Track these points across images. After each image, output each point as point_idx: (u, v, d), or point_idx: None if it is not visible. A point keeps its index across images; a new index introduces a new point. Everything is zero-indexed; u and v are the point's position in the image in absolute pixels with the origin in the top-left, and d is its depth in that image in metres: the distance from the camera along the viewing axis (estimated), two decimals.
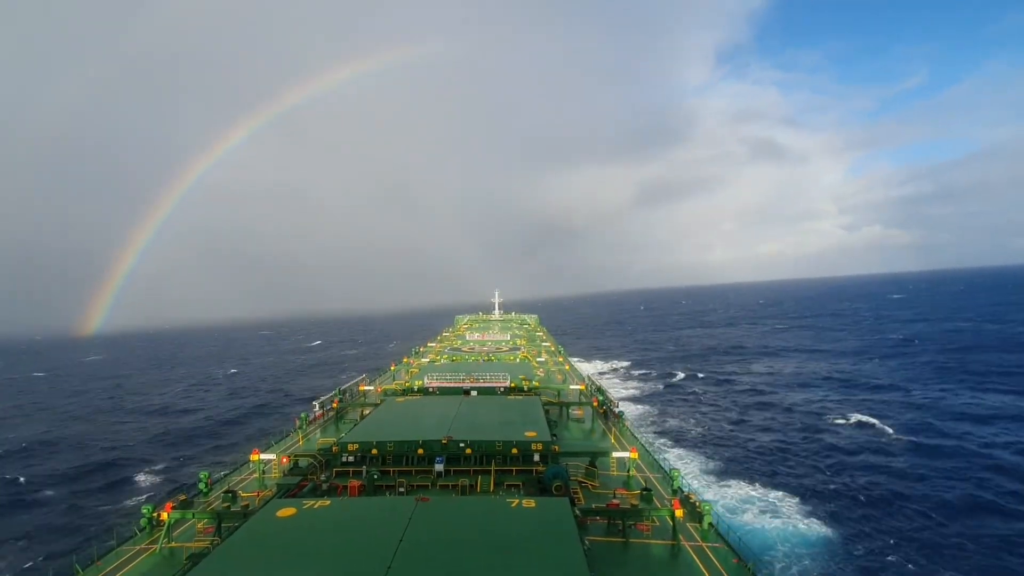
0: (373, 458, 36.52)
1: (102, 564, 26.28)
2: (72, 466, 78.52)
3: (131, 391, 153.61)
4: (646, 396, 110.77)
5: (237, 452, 72.10)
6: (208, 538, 28.00)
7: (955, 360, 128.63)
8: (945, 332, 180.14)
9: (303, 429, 50.94)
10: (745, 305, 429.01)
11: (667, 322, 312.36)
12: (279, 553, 22.48)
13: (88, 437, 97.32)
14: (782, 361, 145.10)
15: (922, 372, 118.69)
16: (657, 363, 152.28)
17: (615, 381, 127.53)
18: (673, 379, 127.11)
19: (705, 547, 27.28)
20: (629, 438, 47.40)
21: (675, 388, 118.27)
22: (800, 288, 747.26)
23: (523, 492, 32.38)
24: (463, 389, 57.86)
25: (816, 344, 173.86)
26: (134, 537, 29.29)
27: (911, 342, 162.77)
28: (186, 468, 75.28)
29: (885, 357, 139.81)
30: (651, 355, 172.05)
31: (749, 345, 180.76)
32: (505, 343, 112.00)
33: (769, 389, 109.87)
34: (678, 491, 34.36)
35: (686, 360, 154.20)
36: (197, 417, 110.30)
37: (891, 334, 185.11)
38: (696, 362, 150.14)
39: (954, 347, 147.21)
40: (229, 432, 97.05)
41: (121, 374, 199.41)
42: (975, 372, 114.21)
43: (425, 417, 44.09)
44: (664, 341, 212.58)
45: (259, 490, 35.70)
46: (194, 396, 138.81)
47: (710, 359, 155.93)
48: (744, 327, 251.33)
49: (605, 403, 56.54)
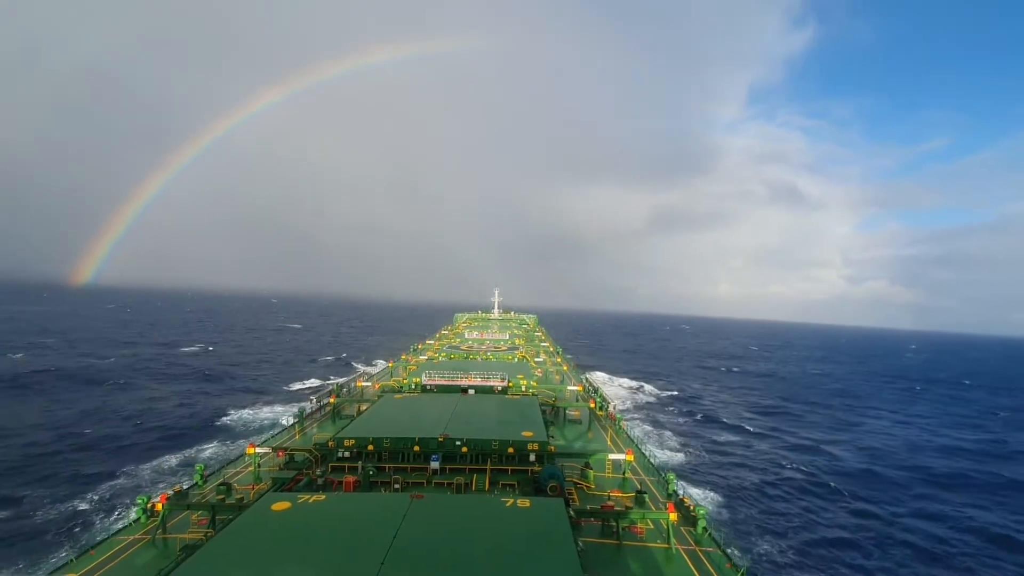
0: (369, 454, 36.52)
1: (96, 554, 26.28)
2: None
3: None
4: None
5: (233, 445, 72.01)
6: (202, 530, 27.98)
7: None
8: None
9: (300, 423, 50.97)
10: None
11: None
12: (273, 546, 22.48)
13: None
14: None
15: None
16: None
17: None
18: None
19: (699, 551, 27.31)
20: (625, 440, 47.45)
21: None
22: (819, 333, 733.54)
23: (518, 492, 32.39)
24: (460, 388, 57.87)
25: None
26: (128, 527, 29.30)
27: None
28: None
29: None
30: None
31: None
32: (504, 342, 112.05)
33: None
34: (673, 495, 34.36)
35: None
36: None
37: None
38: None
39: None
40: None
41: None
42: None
43: (422, 415, 44.10)
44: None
45: (254, 483, 35.71)
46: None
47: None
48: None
49: (602, 405, 56.60)
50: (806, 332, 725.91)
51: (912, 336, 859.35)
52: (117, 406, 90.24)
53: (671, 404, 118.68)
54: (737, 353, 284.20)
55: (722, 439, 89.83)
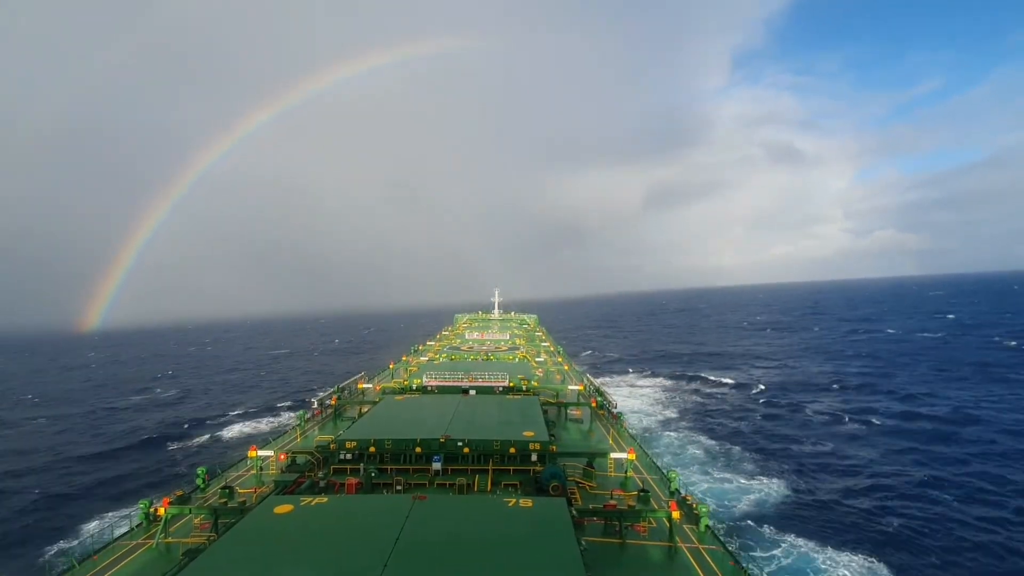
0: (371, 456, 36.53)
1: (98, 559, 26.28)
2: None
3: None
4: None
5: (235, 448, 71.93)
6: (205, 534, 27.99)
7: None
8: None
9: (301, 426, 50.94)
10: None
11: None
12: (276, 549, 22.47)
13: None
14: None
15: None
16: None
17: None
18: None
19: (701, 549, 27.27)
20: (627, 439, 47.40)
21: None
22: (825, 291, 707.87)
23: (520, 492, 32.37)
24: (462, 388, 57.82)
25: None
26: (131, 532, 29.29)
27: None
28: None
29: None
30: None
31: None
32: (504, 342, 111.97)
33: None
34: (675, 493, 34.34)
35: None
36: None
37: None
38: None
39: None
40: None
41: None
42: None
43: (423, 416, 44.09)
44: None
45: (256, 486, 35.70)
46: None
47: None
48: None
49: (604, 404, 56.56)
50: (832, 291, 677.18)
51: (935, 282, 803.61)
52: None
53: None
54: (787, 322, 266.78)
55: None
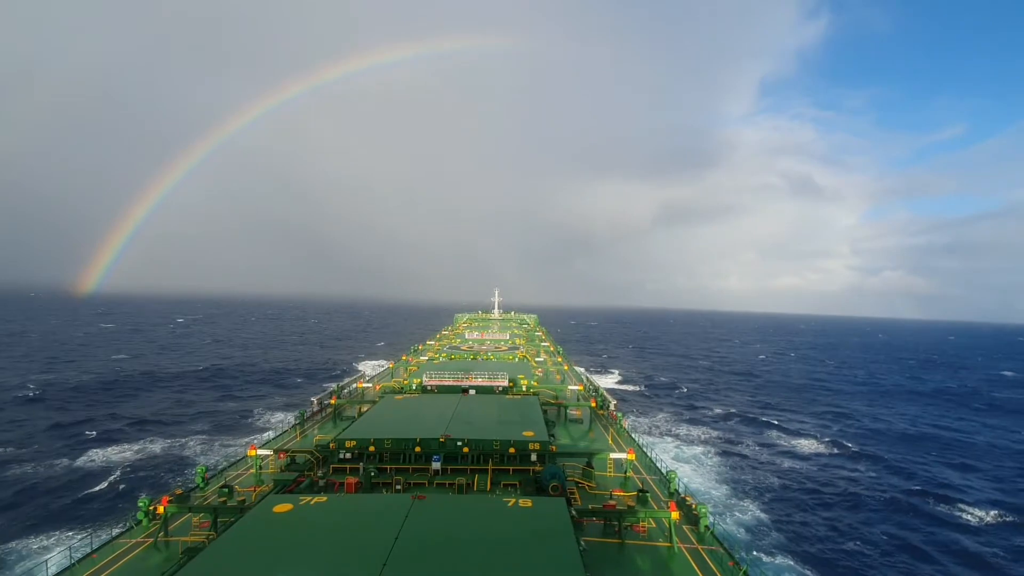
0: (370, 455, 36.51)
1: (97, 557, 26.25)
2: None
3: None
4: None
5: (234, 447, 71.88)
6: (204, 532, 27.97)
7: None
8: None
9: (301, 425, 50.93)
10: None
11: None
12: (275, 548, 22.46)
13: None
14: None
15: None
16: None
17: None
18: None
19: (701, 549, 27.27)
20: (627, 439, 47.41)
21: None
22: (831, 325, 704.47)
23: (520, 492, 32.37)
24: (461, 388, 57.84)
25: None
26: (130, 530, 29.27)
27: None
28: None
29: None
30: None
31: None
32: (504, 342, 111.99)
33: None
34: (675, 493, 34.35)
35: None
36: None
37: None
38: None
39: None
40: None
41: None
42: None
43: (423, 415, 44.09)
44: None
45: (256, 485, 35.68)
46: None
47: None
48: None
49: (603, 404, 56.56)
50: (850, 328, 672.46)
51: (942, 327, 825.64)
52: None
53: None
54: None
55: None
